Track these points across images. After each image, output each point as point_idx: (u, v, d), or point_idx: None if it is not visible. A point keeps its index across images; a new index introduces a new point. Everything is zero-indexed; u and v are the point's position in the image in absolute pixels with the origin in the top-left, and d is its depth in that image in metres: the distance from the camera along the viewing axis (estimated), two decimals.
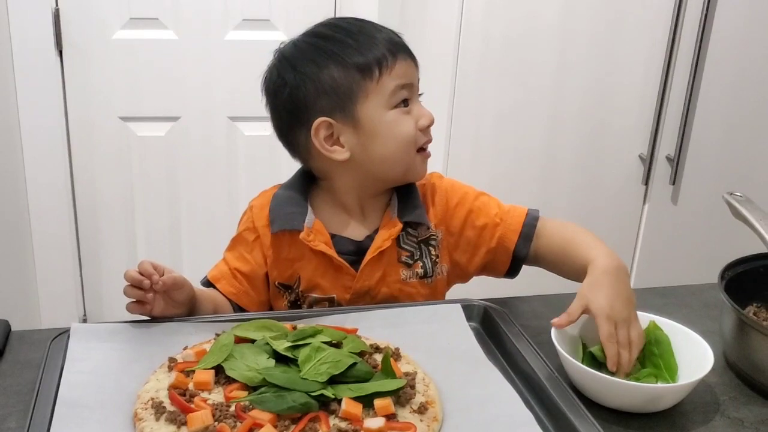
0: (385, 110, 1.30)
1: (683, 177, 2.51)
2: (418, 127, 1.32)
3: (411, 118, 1.32)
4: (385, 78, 1.29)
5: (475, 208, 1.40)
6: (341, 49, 1.28)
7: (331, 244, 1.35)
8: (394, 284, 1.37)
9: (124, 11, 2.39)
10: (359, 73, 1.28)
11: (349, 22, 1.34)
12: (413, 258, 1.38)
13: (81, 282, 2.64)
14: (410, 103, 1.32)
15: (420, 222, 1.37)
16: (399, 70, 1.30)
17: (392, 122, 1.30)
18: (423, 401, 1.04)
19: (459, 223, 1.40)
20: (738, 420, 1.09)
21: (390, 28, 1.35)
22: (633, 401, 1.08)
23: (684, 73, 2.38)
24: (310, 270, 1.36)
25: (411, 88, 1.32)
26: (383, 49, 1.29)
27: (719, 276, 1.23)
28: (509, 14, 2.26)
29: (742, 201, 1.40)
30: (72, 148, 2.49)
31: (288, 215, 1.35)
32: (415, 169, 1.36)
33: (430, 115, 1.33)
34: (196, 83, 2.48)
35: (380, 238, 1.35)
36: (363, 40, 1.30)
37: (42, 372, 1.07)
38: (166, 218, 2.61)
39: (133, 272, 1.17)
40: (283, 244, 1.36)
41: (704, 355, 1.12)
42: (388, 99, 1.29)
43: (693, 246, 2.59)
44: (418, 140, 1.33)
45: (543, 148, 2.43)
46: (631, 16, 2.32)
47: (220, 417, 0.98)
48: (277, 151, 2.47)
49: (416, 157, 1.34)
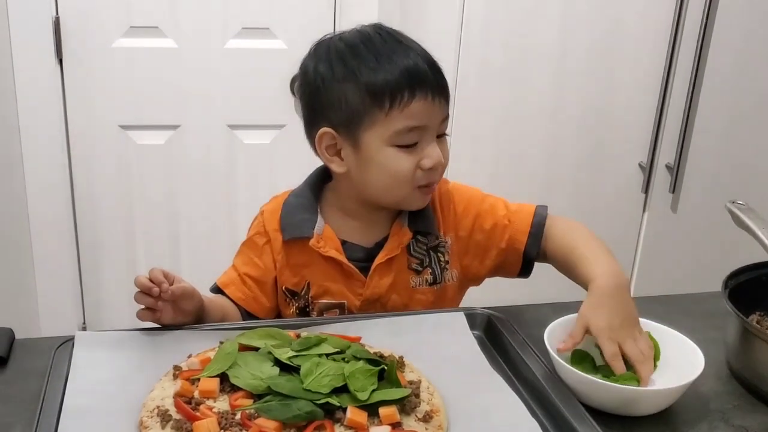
0: (386, 145, 1.25)
1: (683, 185, 2.51)
2: (420, 167, 1.27)
3: (412, 158, 1.26)
4: (395, 114, 1.23)
5: (483, 211, 1.40)
6: (363, 69, 1.24)
7: (341, 251, 1.35)
8: (404, 291, 1.37)
9: (124, 20, 2.39)
10: (371, 99, 1.24)
11: (384, 39, 1.27)
12: (422, 265, 1.38)
13: (81, 290, 2.63)
14: (420, 143, 1.26)
15: (429, 231, 1.37)
16: (414, 109, 1.23)
17: (389, 158, 1.26)
18: (428, 409, 1.04)
19: (467, 228, 1.40)
20: (742, 428, 1.09)
21: (425, 51, 1.28)
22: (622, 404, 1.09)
23: (684, 82, 2.40)
24: (320, 276, 1.36)
25: (425, 129, 1.26)
26: (403, 81, 1.22)
27: (722, 285, 1.23)
28: (510, 20, 2.26)
29: (744, 209, 1.40)
30: (72, 156, 2.49)
31: (298, 222, 1.36)
32: (410, 203, 1.33)
33: (438, 157, 1.27)
34: (196, 91, 2.48)
35: (390, 246, 1.35)
36: (386, 64, 1.23)
37: (47, 380, 1.07)
38: (165, 226, 2.61)
39: (143, 279, 1.17)
40: (293, 250, 1.36)
41: (695, 361, 1.12)
42: (393, 137, 1.25)
43: (692, 254, 2.59)
44: (418, 180, 1.28)
45: (543, 155, 2.43)
46: (631, 24, 2.34)
47: (225, 425, 0.98)
48: (276, 159, 2.51)
49: (414, 192, 1.30)
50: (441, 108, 1.27)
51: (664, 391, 1.10)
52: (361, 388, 1.03)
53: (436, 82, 1.26)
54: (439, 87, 1.26)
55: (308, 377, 1.04)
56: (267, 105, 2.46)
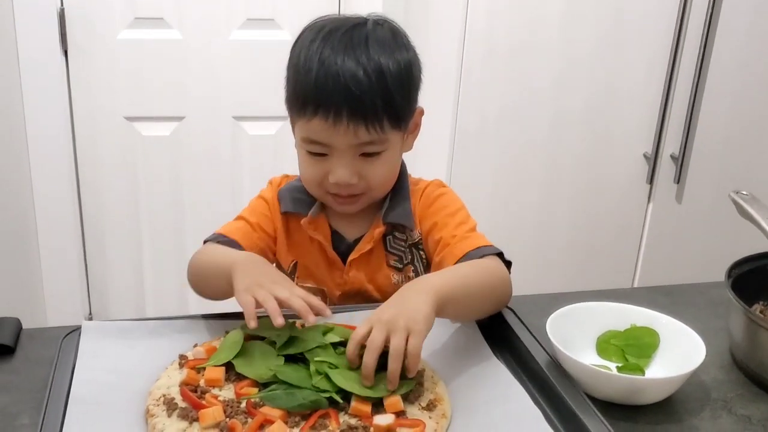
0: (301, 144, 1.28)
1: (688, 176, 2.51)
2: (327, 179, 1.27)
3: (319, 167, 1.27)
4: (302, 123, 1.25)
5: (440, 221, 1.34)
6: (300, 63, 1.23)
7: (329, 238, 1.37)
8: (386, 288, 1.37)
9: (129, 11, 2.39)
10: (292, 97, 1.27)
11: (351, 38, 1.23)
12: (402, 262, 1.38)
13: (86, 281, 2.65)
14: (330, 156, 1.25)
15: (404, 224, 1.36)
16: (314, 126, 1.22)
17: (302, 158, 1.31)
18: (431, 398, 1.05)
19: (425, 230, 1.36)
20: (745, 417, 1.10)
21: (389, 67, 1.21)
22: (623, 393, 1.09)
23: (689, 72, 2.39)
24: (307, 257, 1.38)
25: (330, 147, 1.24)
26: (310, 94, 1.21)
27: (726, 274, 1.23)
28: (514, 10, 2.26)
29: (748, 199, 1.40)
30: (77, 147, 2.50)
31: (294, 200, 1.38)
32: (330, 204, 1.34)
33: (340, 177, 1.25)
34: (201, 83, 2.49)
35: (365, 240, 1.36)
36: (315, 68, 1.21)
37: (54, 369, 1.08)
38: (170, 217, 2.62)
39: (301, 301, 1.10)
40: (290, 225, 1.39)
41: (696, 350, 1.12)
42: (302, 141, 1.27)
43: (697, 245, 2.59)
44: (328, 187, 1.28)
45: (547, 146, 2.43)
46: (635, 14, 2.33)
47: (231, 413, 0.99)
48: (281, 150, 2.51)
49: (326, 196, 1.31)
50: (350, 132, 1.21)
51: (665, 379, 1.11)
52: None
53: (351, 106, 1.19)
54: (354, 112, 1.20)
55: (316, 376, 1.05)
56: (272, 96, 2.43)
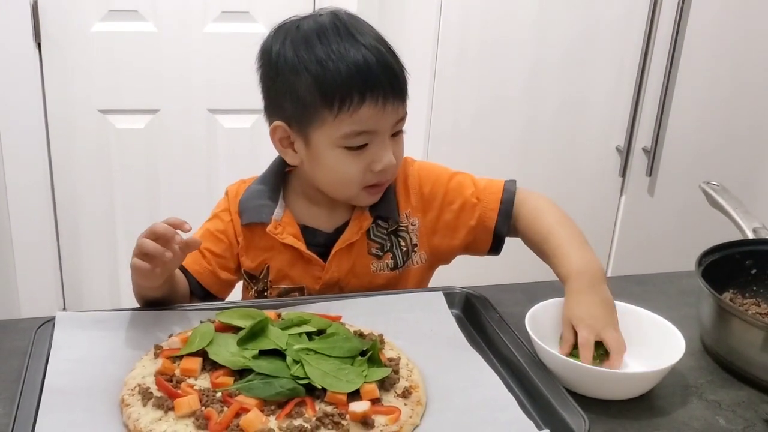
0: (334, 146, 1.24)
1: (659, 169, 2.54)
2: (370, 169, 1.26)
3: (361, 160, 1.25)
4: (344, 118, 1.21)
5: (450, 189, 1.38)
6: (313, 65, 1.20)
7: (300, 237, 1.34)
8: (364, 276, 1.37)
9: (103, 3, 2.37)
10: (320, 98, 1.21)
11: (339, 31, 1.22)
12: (383, 249, 1.37)
13: (60, 275, 2.63)
14: (371, 145, 1.25)
15: (390, 216, 1.37)
16: (363, 115, 1.20)
17: (337, 159, 1.25)
18: (407, 386, 1.06)
19: (436, 209, 1.38)
20: (715, 402, 1.11)
21: (379, 46, 1.22)
22: (602, 388, 1.10)
23: (660, 66, 2.41)
24: (279, 261, 1.36)
25: (375, 133, 1.24)
26: (353, 84, 1.19)
27: (696, 263, 1.24)
28: (487, 10, 2.27)
29: (718, 190, 1.42)
30: (51, 140, 2.48)
31: (256, 208, 1.35)
32: (358, 201, 1.33)
33: (388, 161, 1.25)
34: (176, 75, 2.48)
35: (350, 231, 1.34)
36: (338, 61, 1.19)
37: (28, 360, 1.07)
38: (145, 211, 2.60)
39: (164, 224, 1.14)
40: (254, 235, 1.36)
41: (675, 343, 1.13)
42: (340, 139, 1.23)
43: (669, 236, 2.62)
44: (368, 180, 1.27)
45: (520, 140, 2.45)
46: (607, 9, 2.35)
47: (207, 402, 0.99)
48: (257, 143, 2.51)
49: (361, 192, 1.29)
50: (395, 111, 1.24)
51: (643, 374, 1.11)
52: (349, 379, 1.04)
53: (390, 85, 1.21)
54: (394, 89, 1.22)
55: (294, 366, 1.05)
56: (247, 89, 2.39)
